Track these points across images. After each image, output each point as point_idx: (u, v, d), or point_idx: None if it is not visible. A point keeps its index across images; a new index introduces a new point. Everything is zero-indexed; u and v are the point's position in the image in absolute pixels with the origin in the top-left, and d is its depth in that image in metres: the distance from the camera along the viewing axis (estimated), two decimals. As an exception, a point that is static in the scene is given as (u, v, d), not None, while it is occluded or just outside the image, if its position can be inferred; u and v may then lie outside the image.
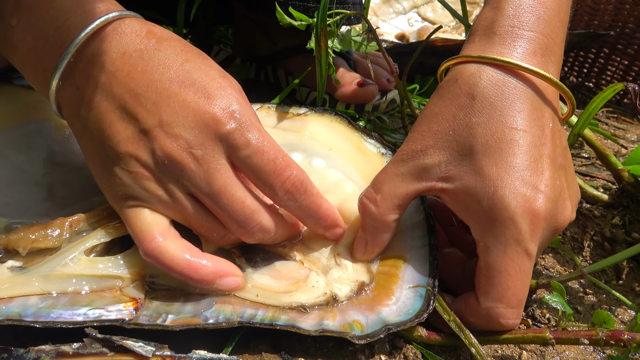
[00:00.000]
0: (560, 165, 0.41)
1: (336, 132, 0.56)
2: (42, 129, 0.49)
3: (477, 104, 0.40)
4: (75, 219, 0.44)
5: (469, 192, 0.39)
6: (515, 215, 0.38)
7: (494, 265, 0.39)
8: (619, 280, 0.55)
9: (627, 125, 1.02)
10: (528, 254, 0.38)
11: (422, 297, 0.42)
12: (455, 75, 0.42)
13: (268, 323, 0.39)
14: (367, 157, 0.54)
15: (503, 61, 0.40)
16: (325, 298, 0.41)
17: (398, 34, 1.19)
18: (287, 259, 0.45)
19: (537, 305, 0.50)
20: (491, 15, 0.43)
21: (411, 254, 0.45)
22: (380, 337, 0.39)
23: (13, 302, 0.38)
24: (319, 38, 0.58)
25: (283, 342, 0.42)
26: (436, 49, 0.90)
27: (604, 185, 0.70)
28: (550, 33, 0.42)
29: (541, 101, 0.41)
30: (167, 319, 0.39)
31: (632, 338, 0.39)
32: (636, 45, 1.08)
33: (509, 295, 0.39)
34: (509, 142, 0.39)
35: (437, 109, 0.42)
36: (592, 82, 1.18)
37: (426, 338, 0.42)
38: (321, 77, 0.61)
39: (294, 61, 0.84)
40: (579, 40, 1.03)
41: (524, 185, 0.38)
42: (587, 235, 0.58)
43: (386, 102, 0.80)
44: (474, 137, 0.40)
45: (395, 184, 0.42)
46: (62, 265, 0.40)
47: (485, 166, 0.39)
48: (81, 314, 0.38)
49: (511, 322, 0.40)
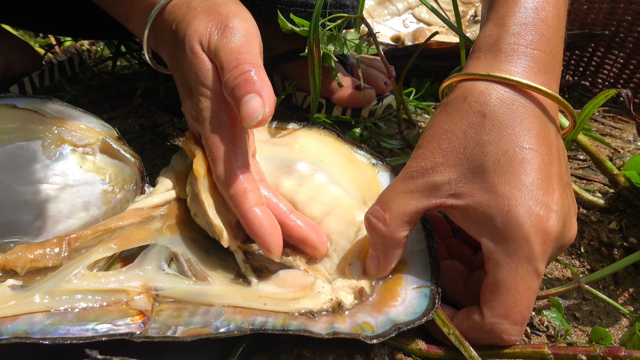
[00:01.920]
0: (566, 183, 0.42)
1: (326, 145, 0.56)
2: (30, 148, 0.49)
3: (488, 122, 0.41)
4: (73, 236, 0.44)
5: (481, 209, 0.39)
6: (529, 234, 0.38)
7: (503, 283, 0.39)
8: (617, 285, 0.55)
9: (624, 124, 1.02)
10: (538, 273, 0.39)
11: (427, 296, 0.43)
12: (464, 93, 0.43)
13: (280, 329, 0.39)
14: (358, 168, 0.55)
15: (513, 80, 0.41)
16: (332, 304, 0.42)
17: (393, 35, 1.19)
18: (292, 268, 0.46)
19: (536, 313, 0.50)
20: (495, 32, 0.43)
21: (411, 257, 0.46)
22: (391, 335, 0.40)
23: (18, 320, 0.38)
24: (311, 48, 0.58)
25: (283, 358, 0.42)
26: (431, 52, 0.90)
27: (601, 189, 0.70)
28: (552, 51, 0.43)
29: (547, 119, 0.42)
30: (178, 330, 0.39)
31: (629, 355, 0.39)
32: (631, 44, 1.08)
33: (515, 313, 0.39)
34: (521, 161, 0.39)
35: (447, 125, 0.42)
36: (588, 81, 1.18)
37: (425, 351, 0.42)
38: (315, 87, 0.61)
39: (290, 66, 0.84)
40: (574, 40, 1.03)
41: (537, 205, 0.38)
42: (584, 240, 0.58)
43: (383, 107, 0.80)
44: (485, 155, 0.40)
45: (404, 201, 0.42)
46: (65, 281, 0.40)
47: (498, 184, 0.39)
48: (89, 329, 0.38)
49: (514, 339, 0.40)
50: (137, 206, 0.47)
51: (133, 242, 0.44)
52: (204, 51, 0.45)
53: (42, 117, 0.50)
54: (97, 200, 0.50)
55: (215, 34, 0.45)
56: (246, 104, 0.41)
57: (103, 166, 0.51)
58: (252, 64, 0.43)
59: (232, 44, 0.44)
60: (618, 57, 1.11)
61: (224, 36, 0.44)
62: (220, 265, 0.46)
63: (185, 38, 0.45)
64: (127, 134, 0.75)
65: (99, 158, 0.51)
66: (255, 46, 0.45)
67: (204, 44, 0.45)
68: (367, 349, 0.43)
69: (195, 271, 0.44)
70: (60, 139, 0.50)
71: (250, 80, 0.42)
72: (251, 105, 0.41)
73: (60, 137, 0.50)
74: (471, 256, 0.48)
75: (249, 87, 0.42)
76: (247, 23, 0.46)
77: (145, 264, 0.43)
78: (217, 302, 0.42)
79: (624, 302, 0.53)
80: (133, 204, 0.47)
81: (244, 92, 0.42)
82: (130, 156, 0.52)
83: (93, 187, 0.50)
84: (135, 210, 0.47)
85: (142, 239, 0.45)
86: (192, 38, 0.45)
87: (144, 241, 0.45)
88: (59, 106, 0.52)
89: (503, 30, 0.43)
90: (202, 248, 0.47)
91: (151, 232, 0.45)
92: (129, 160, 0.52)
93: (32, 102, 0.51)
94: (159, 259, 0.44)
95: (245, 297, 0.42)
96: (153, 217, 0.47)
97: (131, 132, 0.76)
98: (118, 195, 0.51)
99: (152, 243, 0.45)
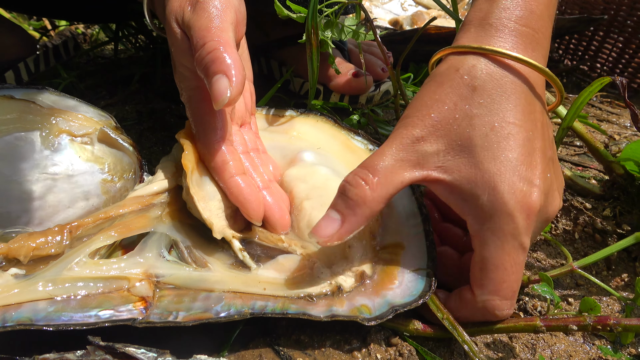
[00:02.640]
0: (550, 158, 0.42)
1: (323, 131, 0.57)
2: (28, 139, 0.49)
3: (477, 96, 0.41)
4: (75, 224, 0.44)
5: (467, 186, 0.40)
6: (513, 210, 0.39)
7: (491, 260, 0.40)
8: (610, 271, 0.56)
9: (621, 110, 1.02)
10: (523, 247, 0.40)
11: (423, 278, 0.44)
12: (455, 65, 0.43)
13: (280, 312, 0.40)
14: (356, 154, 0.55)
15: (504, 54, 0.41)
16: (331, 288, 0.43)
17: (392, 19, 1.18)
18: (290, 253, 0.46)
19: (529, 298, 0.51)
20: (486, 6, 0.44)
21: (408, 240, 0.47)
22: (389, 317, 0.41)
23: (22, 307, 0.39)
24: (310, 35, 0.58)
25: (282, 343, 0.43)
26: (430, 37, 0.90)
27: (596, 176, 0.70)
28: (541, 27, 0.43)
29: (533, 95, 0.42)
30: (179, 315, 0.40)
31: (618, 322, 0.41)
32: (630, 28, 1.07)
33: (504, 288, 0.40)
34: (506, 136, 0.40)
35: (437, 95, 0.42)
36: (586, 66, 1.18)
37: (422, 331, 0.43)
38: (312, 73, 0.61)
39: (287, 52, 0.84)
40: (573, 24, 1.02)
41: (520, 180, 0.39)
42: (579, 227, 0.59)
43: (380, 94, 0.80)
44: (474, 129, 0.40)
45: (394, 168, 0.41)
46: (67, 269, 0.41)
47: (484, 160, 0.40)
48: (92, 316, 0.39)
49: (506, 313, 0.42)
50: (136, 194, 0.47)
51: (133, 230, 0.45)
52: (180, 27, 0.45)
53: (40, 107, 0.50)
54: (96, 189, 0.50)
55: (189, 10, 0.45)
56: (214, 85, 0.41)
57: (102, 155, 0.51)
58: (220, 40, 0.42)
59: (201, 20, 0.43)
60: (617, 42, 1.10)
61: (195, 12, 0.44)
62: (220, 252, 0.46)
63: (166, 15, 0.46)
64: (124, 121, 0.75)
65: (98, 148, 0.52)
66: (227, 20, 0.44)
67: (179, 20, 0.45)
68: (364, 334, 0.44)
69: (195, 258, 0.45)
70: (59, 129, 0.50)
71: (217, 59, 0.42)
72: (218, 86, 0.41)
73: (59, 127, 0.50)
74: (462, 238, 0.49)
75: (216, 67, 0.42)
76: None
77: (145, 252, 0.44)
78: (217, 287, 0.42)
79: (617, 288, 0.54)
80: (133, 192, 0.48)
81: (212, 72, 0.42)
82: (128, 145, 0.52)
83: (92, 177, 0.50)
84: (135, 198, 0.47)
85: (142, 227, 0.45)
86: (170, 15, 0.46)
87: (144, 229, 0.45)
88: (55, 96, 0.52)
89: (494, 5, 0.43)
90: (202, 235, 0.47)
91: (151, 220, 0.46)
92: (127, 149, 0.52)
93: (29, 92, 0.51)
94: (159, 246, 0.44)
95: (244, 282, 0.43)
96: (153, 205, 0.47)
97: (129, 119, 0.75)
98: (117, 184, 0.51)
99: (152, 231, 0.45)
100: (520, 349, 0.46)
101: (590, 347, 0.47)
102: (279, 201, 0.49)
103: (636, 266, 0.56)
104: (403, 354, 0.43)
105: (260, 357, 0.42)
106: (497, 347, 0.46)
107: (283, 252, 0.47)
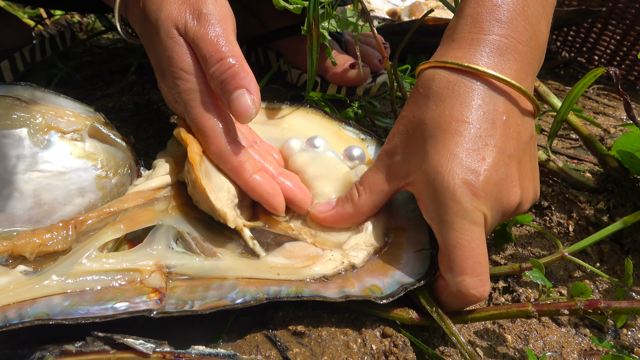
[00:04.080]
0: (510, 155, 0.43)
1: (314, 123, 0.58)
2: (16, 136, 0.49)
3: (431, 102, 0.45)
4: (80, 219, 0.44)
5: (421, 183, 0.43)
6: (455, 193, 0.41)
7: (447, 242, 0.41)
8: (602, 263, 0.57)
9: (617, 102, 1.03)
10: (474, 222, 0.41)
11: (427, 258, 0.46)
12: (420, 80, 0.47)
13: (294, 296, 0.41)
14: (348, 144, 0.56)
15: (453, 63, 0.44)
16: (344, 266, 0.45)
17: (390, 10, 1.18)
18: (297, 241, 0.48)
19: (523, 289, 0.52)
20: (454, 24, 0.47)
21: (409, 224, 0.50)
22: (400, 295, 0.43)
23: (37, 303, 0.38)
24: (311, 27, 0.58)
25: (278, 334, 0.43)
26: (428, 28, 0.90)
27: (591, 169, 0.71)
28: (511, 33, 0.45)
29: (494, 96, 0.44)
30: (195, 304, 0.40)
31: (608, 306, 0.42)
32: (628, 20, 1.07)
33: (470, 265, 0.41)
34: (454, 132, 0.42)
35: (404, 112, 0.47)
36: (584, 58, 1.18)
37: (417, 320, 0.44)
38: (312, 65, 0.61)
39: (285, 42, 0.84)
40: (571, 16, 1.02)
41: (463, 170, 0.41)
42: (573, 220, 0.60)
43: (377, 86, 0.80)
44: (425, 131, 0.44)
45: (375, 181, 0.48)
46: (78, 263, 0.41)
47: (430, 155, 0.43)
48: (109, 308, 0.39)
49: (482, 290, 0.41)
50: (138, 189, 0.47)
51: (140, 223, 0.45)
52: (181, 35, 0.46)
53: (26, 104, 0.49)
54: (91, 185, 0.50)
55: (191, 20, 0.46)
56: (237, 101, 0.45)
57: (94, 151, 0.51)
58: (234, 55, 0.45)
59: (210, 34, 0.45)
60: (614, 34, 1.10)
61: (201, 24, 0.45)
62: (227, 242, 0.47)
63: (158, 22, 0.46)
64: (121, 112, 0.75)
65: (89, 144, 0.51)
66: (231, 31, 0.46)
67: (181, 29, 0.46)
68: (360, 325, 0.44)
69: (203, 248, 0.45)
70: (47, 125, 0.50)
71: (236, 74, 0.45)
72: (242, 102, 0.45)
73: (47, 123, 0.50)
74: None
75: (236, 83, 0.45)
76: (219, 5, 0.46)
77: (154, 244, 0.44)
78: (229, 275, 0.43)
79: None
80: (133, 187, 0.48)
81: (232, 88, 0.45)
82: (121, 141, 0.52)
83: (86, 173, 0.50)
84: (137, 193, 0.47)
85: (149, 220, 0.45)
86: (166, 23, 0.46)
87: (150, 222, 0.45)
88: (40, 92, 0.51)
89: (459, 21, 0.47)
90: (207, 227, 0.48)
91: (157, 213, 0.46)
92: (120, 144, 0.52)
93: (12, 89, 0.50)
94: (168, 238, 0.44)
95: (256, 269, 0.44)
96: (156, 199, 0.47)
97: (126, 110, 0.75)
98: (113, 179, 0.51)
99: (159, 223, 0.45)
100: (513, 339, 0.47)
101: (582, 338, 0.48)
102: (298, 182, 0.51)
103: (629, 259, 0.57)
104: (397, 345, 0.43)
105: (257, 348, 0.42)
106: (490, 337, 0.47)
107: (290, 239, 0.48)
